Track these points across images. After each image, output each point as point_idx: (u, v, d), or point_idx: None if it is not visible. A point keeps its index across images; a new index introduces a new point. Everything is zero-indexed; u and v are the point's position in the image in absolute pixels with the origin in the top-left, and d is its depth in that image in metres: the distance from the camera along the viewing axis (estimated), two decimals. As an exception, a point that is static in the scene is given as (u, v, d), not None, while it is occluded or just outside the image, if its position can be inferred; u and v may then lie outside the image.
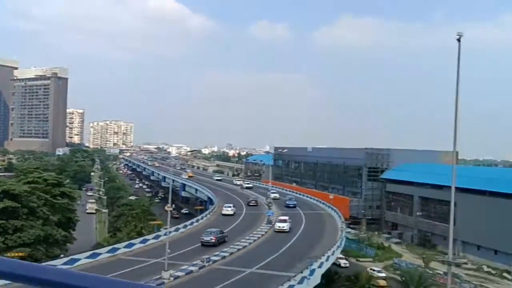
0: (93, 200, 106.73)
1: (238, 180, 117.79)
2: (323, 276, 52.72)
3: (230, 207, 64.07)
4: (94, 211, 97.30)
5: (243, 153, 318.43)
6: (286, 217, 51.12)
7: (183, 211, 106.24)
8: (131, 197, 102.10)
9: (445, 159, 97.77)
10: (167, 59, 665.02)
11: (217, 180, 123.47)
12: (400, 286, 44.64)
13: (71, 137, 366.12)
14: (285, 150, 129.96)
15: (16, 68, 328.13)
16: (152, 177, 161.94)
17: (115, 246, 39.15)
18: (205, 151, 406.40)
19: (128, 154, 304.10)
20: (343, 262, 62.14)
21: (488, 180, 73.78)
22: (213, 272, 32.67)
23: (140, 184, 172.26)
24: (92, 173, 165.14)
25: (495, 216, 67.58)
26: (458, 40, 33.94)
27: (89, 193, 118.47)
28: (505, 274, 64.08)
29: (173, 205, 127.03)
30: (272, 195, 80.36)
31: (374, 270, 58.16)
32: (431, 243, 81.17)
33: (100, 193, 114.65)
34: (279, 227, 48.79)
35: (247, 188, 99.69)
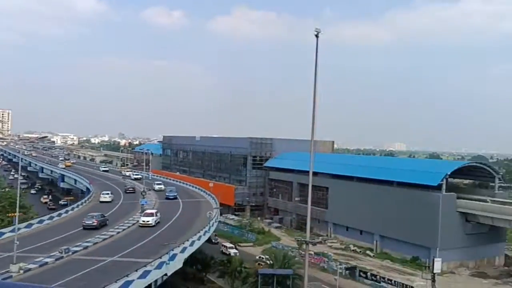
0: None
1: (127, 171, 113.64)
2: (199, 262, 53.70)
3: (108, 194, 65.47)
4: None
5: (135, 143, 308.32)
6: (153, 210, 49.80)
7: (61, 202, 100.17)
8: (4, 189, 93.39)
9: (321, 148, 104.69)
10: (55, 42, 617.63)
11: (103, 171, 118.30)
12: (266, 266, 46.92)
13: None
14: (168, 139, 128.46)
15: None
16: (29, 168, 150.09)
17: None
18: (95, 140, 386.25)
19: (4, 143, 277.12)
20: (233, 252, 62.93)
21: (356, 167, 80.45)
22: (71, 262, 31.39)
23: (16, 175, 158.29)
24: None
25: (361, 200, 74.12)
26: (316, 36, 36.35)
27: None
28: (368, 252, 70.75)
29: (50, 196, 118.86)
30: (157, 187, 79.34)
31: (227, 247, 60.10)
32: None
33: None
34: (144, 221, 45.75)
35: (136, 179, 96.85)
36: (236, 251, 64.34)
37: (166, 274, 29.93)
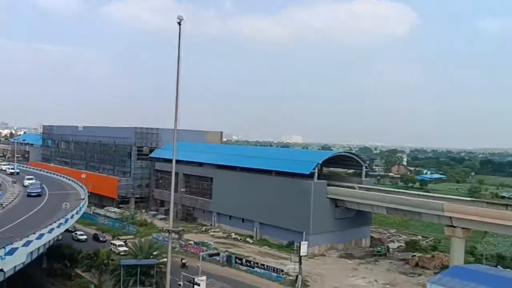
0: None
1: (4, 165, 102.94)
2: (66, 257, 50.65)
3: None
4: None
5: (20, 133, 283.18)
6: None
7: None
8: None
9: (210, 138, 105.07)
10: None
11: None
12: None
13: None
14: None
15: None
16: None
17: None
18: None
19: None
20: (122, 250, 59.17)
21: (240, 157, 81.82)
22: None
23: None
24: None
25: (243, 189, 75.59)
26: (179, 23, 35.72)
27: None
28: (248, 239, 72.52)
29: None
30: (27, 182, 73.03)
31: (116, 245, 58.57)
32: (192, 217, 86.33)
33: None
34: None
35: (12, 173, 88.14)
36: (126, 248, 60.91)
37: (2, 270, 27.40)
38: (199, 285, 34.00)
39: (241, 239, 73.09)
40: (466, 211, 53.77)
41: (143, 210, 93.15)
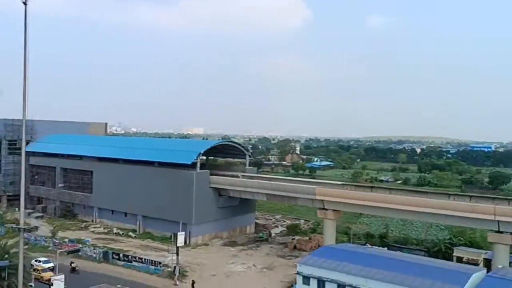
0: None
1: None
2: None
3: None
4: None
5: None
6: None
7: None
8: None
9: (93, 130, 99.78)
10: None
11: None
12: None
13: None
14: None
15: None
16: None
17: None
18: None
19: None
20: None
21: (122, 149, 78.63)
22: None
23: None
24: None
25: (125, 182, 72.83)
26: (24, 3, 32.71)
27: None
28: (130, 233, 70.19)
29: None
30: None
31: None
32: (72, 213, 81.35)
33: None
34: None
35: None
36: None
37: None
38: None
39: (123, 233, 70.56)
40: (335, 194, 57.31)
41: (17, 209, 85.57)
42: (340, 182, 65.25)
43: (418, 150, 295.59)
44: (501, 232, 46.82)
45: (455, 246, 59.43)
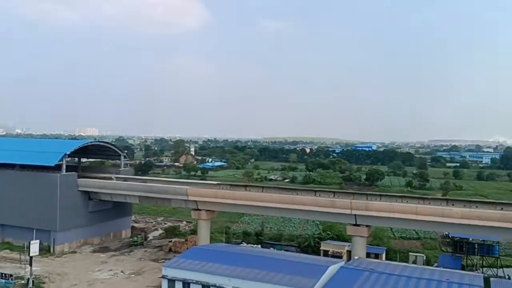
0: None
1: None
2: None
3: None
4: None
5: None
6: None
7: None
8: None
9: None
10: None
11: None
12: None
13: None
14: None
15: None
16: None
17: None
18: None
19: None
20: None
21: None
22: None
23: None
24: None
25: (22, 191, 63.79)
26: None
27: None
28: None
29: None
30: None
31: None
32: None
33: None
34: None
35: None
36: None
37: None
38: None
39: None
40: (207, 194, 56.73)
41: None
42: (215, 182, 64.79)
43: (308, 150, 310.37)
44: (358, 225, 49.83)
45: (323, 240, 62.37)
